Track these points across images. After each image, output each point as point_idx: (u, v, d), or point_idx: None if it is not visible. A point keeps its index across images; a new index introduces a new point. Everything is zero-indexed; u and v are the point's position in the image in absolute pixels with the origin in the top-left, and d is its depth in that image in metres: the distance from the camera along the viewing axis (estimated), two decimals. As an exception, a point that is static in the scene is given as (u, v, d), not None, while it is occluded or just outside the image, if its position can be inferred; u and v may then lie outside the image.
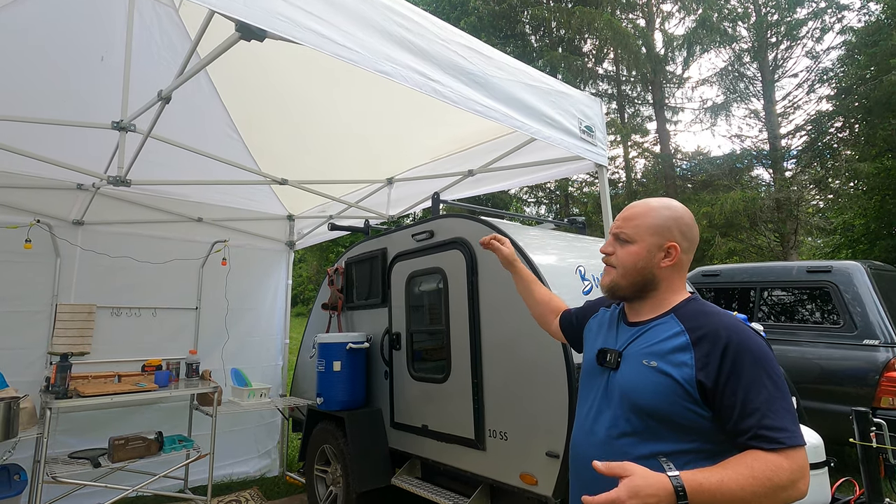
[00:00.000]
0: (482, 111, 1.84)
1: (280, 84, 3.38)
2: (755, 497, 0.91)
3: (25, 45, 2.93)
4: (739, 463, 0.95)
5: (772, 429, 0.96)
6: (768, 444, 0.95)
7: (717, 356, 1.04)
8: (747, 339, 1.04)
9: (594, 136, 2.41)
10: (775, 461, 0.93)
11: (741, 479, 0.91)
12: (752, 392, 0.99)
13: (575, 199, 20.50)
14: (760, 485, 0.90)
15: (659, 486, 0.88)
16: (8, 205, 3.64)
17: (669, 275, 1.21)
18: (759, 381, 1.00)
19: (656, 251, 1.20)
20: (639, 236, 1.21)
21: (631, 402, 1.13)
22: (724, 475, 0.92)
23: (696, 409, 1.05)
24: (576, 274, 2.85)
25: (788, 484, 0.92)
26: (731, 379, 1.01)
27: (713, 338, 1.06)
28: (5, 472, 2.97)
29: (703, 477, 0.92)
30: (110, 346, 4.02)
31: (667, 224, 1.20)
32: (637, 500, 0.87)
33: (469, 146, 3.52)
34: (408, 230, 3.46)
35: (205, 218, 4.55)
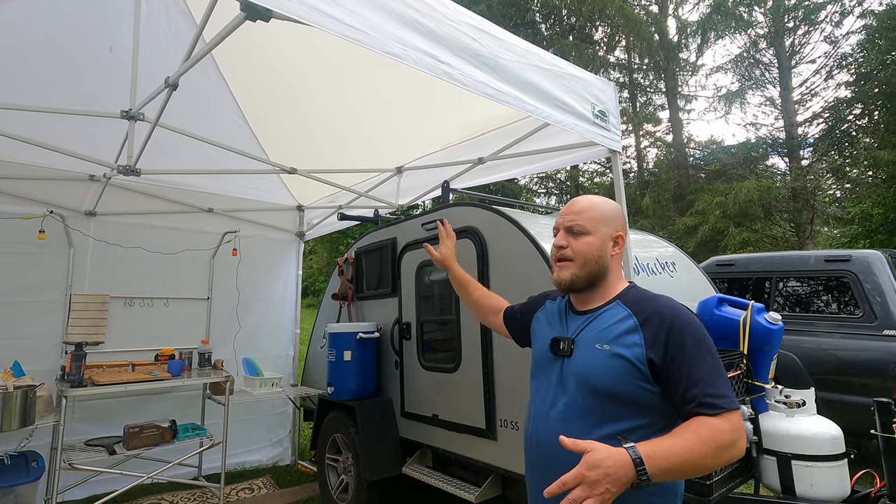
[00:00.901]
0: (493, 94, 1.80)
1: (288, 72, 3.35)
2: (702, 458, 1.00)
3: (35, 37, 2.93)
4: (686, 430, 1.04)
5: (713, 396, 1.06)
6: (711, 409, 1.05)
7: (664, 335, 1.14)
8: (687, 319, 1.17)
9: (608, 120, 2.35)
10: (718, 424, 1.03)
11: (689, 443, 1.01)
12: (695, 365, 1.09)
13: (586, 190, 20.32)
14: (706, 446, 1.00)
15: (618, 458, 0.95)
16: (22, 196, 3.67)
17: (615, 264, 1.32)
18: (700, 355, 1.11)
19: (608, 241, 1.30)
20: (594, 228, 1.29)
21: (587, 385, 1.20)
22: (673, 442, 1.01)
23: (647, 387, 1.14)
24: (588, 262, 2.80)
25: (730, 443, 1.03)
26: (676, 355, 1.11)
27: (658, 319, 1.17)
28: (23, 459, 3.02)
29: (656, 445, 1.00)
30: (124, 335, 4.06)
31: (614, 216, 1.33)
32: (598, 471, 0.93)
33: (479, 133, 3.47)
34: (417, 219, 3.44)
35: (215, 208, 4.56)
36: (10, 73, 2.98)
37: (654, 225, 14.10)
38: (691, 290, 3.41)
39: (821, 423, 2.30)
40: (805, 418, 2.32)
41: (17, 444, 3.05)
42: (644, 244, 3.55)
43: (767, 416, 2.42)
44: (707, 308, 2.72)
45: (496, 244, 2.82)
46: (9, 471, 2.87)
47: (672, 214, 15.35)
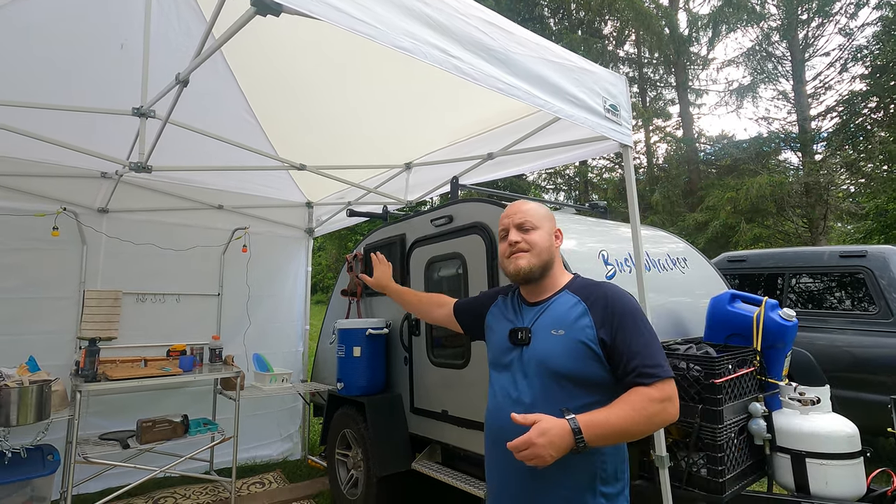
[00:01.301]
0: (504, 89, 1.78)
1: (297, 68, 3.35)
2: (634, 425, 1.15)
3: (48, 35, 2.96)
4: (621, 401, 1.19)
5: (649, 366, 1.20)
6: (647, 378, 1.18)
7: (609, 315, 1.28)
8: (626, 299, 1.33)
9: (619, 115, 2.32)
10: (650, 393, 1.17)
11: (622, 412, 1.15)
12: (635, 340, 1.24)
13: (594, 186, 20.19)
14: (637, 414, 1.15)
15: (561, 427, 1.11)
16: (35, 193, 3.72)
17: (558, 256, 1.49)
18: (638, 330, 1.25)
19: (552, 235, 1.48)
20: (541, 223, 1.46)
21: (547, 369, 1.31)
22: (609, 412, 1.16)
23: (598, 365, 1.28)
24: (598, 258, 2.79)
25: (659, 410, 1.17)
26: (619, 332, 1.26)
27: (602, 302, 1.32)
28: (39, 453, 3.06)
29: (593, 416, 1.15)
30: (136, 331, 4.11)
31: (551, 214, 1.52)
32: (545, 438, 1.08)
33: (488, 129, 3.45)
34: (426, 215, 3.43)
35: (225, 205, 4.58)
36: (23, 71, 3.01)
37: (664, 221, 13.99)
38: (703, 286, 3.37)
39: (836, 421, 2.27)
40: (820, 416, 2.29)
41: (33, 438, 3.10)
42: (654, 240, 3.52)
43: (781, 413, 2.39)
44: (719, 304, 2.68)
45: (506, 240, 2.81)
46: (25, 464, 2.92)
47: (682, 210, 15.21)
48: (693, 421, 2.23)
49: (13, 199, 3.64)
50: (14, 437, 2.97)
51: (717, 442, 2.15)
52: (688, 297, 3.18)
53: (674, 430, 2.37)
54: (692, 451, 2.23)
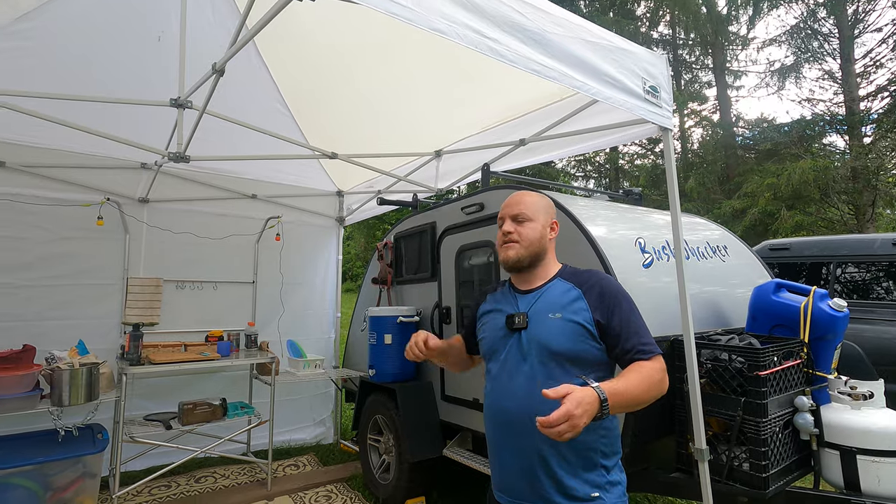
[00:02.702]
0: (540, 70, 1.72)
1: (328, 58, 3.36)
2: (645, 391, 1.27)
3: (89, 29, 3.05)
4: (632, 371, 1.30)
5: (646, 344, 1.35)
6: (646, 354, 1.33)
7: (604, 299, 1.39)
8: (616, 284, 1.45)
9: (659, 96, 2.23)
10: (652, 365, 1.32)
11: (636, 380, 1.27)
12: (630, 321, 1.37)
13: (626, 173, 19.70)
14: (648, 381, 1.28)
15: (592, 396, 1.15)
16: (81, 184, 3.86)
17: (551, 247, 1.56)
18: (631, 313, 1.39)
19: (547, 227, 1.54)
20: (536, 215, 1.52)
21: (547, 350, 1.39)
22: (626, 380, 1.27)
23: (594, 344, 1.38)
24: (635, 246, 2.71)
25: (661, 378, 1.31)
26: (614, 314, 1.37)
27: (596, 287, 1.43)
28: (89, 431, 3.22)
29: (613, 383, 1.23)
30: (176, 317, 4.25)
31: (549, 206, 1.58)
32: (581, 407, 1.12)
33: (520, 114, 3.38)
34: (457, 203, 3.41)
35: (259, 195, 4.67)
36: (67, 65, 3.12)
37: (699, 209, 13.55)
38: (745, 275, 3.25)
39: (891, 417, 2.15)
40: (873, 411, 2.18)
41: (83, 418, 3.26)
42: (693, 227, 3.40)
43: (830, 408, 2.28)
44: (763, 294, 2.58)
45: (539, 227, 2.76)
46: (77, 442, 3.07)
47: (718, 197, 14.70)
48: (735, 414, 2.15)
49: (61, 190, 3.79)
50: (66, 416, 3.13)
51: (761, 436, 2.08)
52: (728, 287, 3.07)
53: (714, 422, 2.30)
54: (734, 445, 2.16)
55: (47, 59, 3.05)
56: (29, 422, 3.24)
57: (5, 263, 3.57)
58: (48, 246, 3.74)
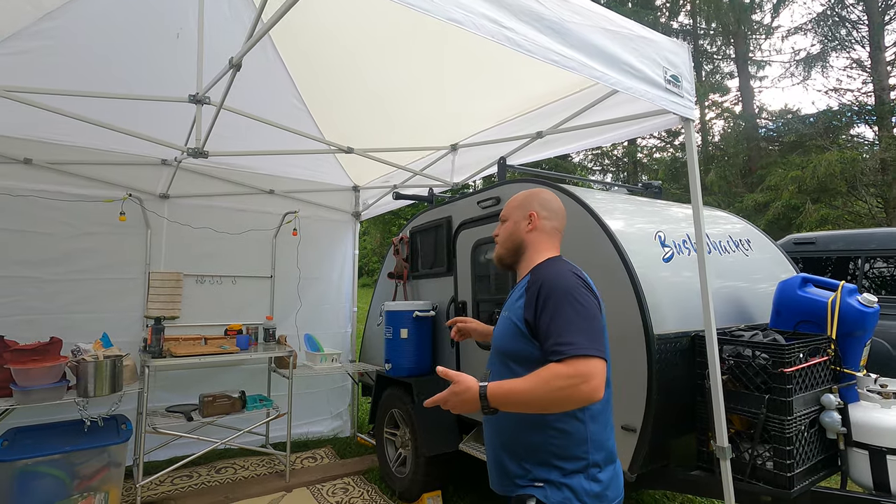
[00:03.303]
0: (558, 60, 1.69)
1: (343, 52, 3.35)
2: (536, 396, 1.18)
3: (109, 28, 3.09)
4: (533, 373, 1.21)
5: (561, 344, 1.20)
6: (557, 355, 1.20)
7: (536, 297, 1.31)
8: (557, 281, 1.32)
9: (681, 86, 2.17)
10: (556, 368, 1.18)
11: (527, 383, 1.19)
12: (555, 319, 1.25)
13: (644, 167, 19.40)
14: (540, 386, 1.17)
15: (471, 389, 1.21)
16: (103, 180, 3.94)
17: (534, 239, 1.50)
18: (561, 310, 1.26)
19: (522, 221, 1.51)
20: (509, 215, 1.55)
21: (495, 348, 1.45)
22: (515, 382, 1.21)
23: (529, 342, 1.32)
24: (655, 240, 2.66)
25: (566, 385, 1.16)
26: (542, 312, 1.28)
27: (536, 285, 1.34)
28: (114, 422, 3.30)
29: (501, 384, 1.21)
30: (196, 310, 4.32)
31: (527, 200, 1.54)
32: (457, 397, 1.21)
33: (537, 106, 3.34)
34: (473, 197, 3.38)
35: (276, 190, 4.71)
36: (89, 63, 3.17)
37: (720, 202, 13.28)
38: (769, 270, 3.17)
39: (923, 416, 2.08)
40: (905, 410, 2.11)
41: (108, 408, 3.34)
42: (713, 220, 3.32)
43: (858, 406, 2.22)
44: (789, 288, 2.50)
45: (556, 221, 2.72)
46: (102, 432, 3.15)
47: (740, 191, 14.39)
48: (758, 411, 2.10)
49: (84, 186, 3.87)
50: (91, 407, 3.21)
51: (786, 434, 2.02)
52: (751, 282, 3.00)
53: (736, 420, 2.25)
54: (757, 443, 2.11)
55: (70, 58, 3.11)
56: (56, 412, 3.34)
57: (33, 258, 3.67)
58: (73, 241, 3.83)
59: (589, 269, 2.50)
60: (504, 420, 1.35)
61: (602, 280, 2.44)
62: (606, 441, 1.35)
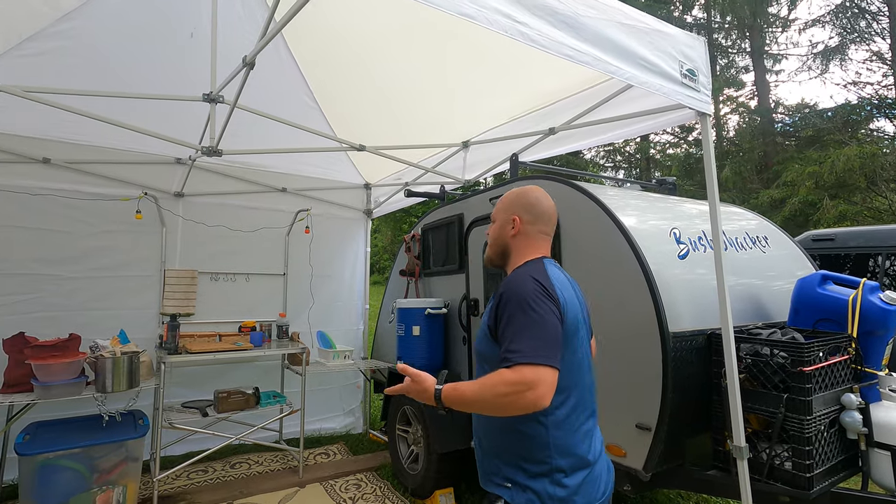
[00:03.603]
0: (572, 55, 1.67)
1: (354, 50, 3.36)
2: (481, 399, 1.22)
3: (124, 28, 3.13)
4: (482, 378, 1.25)
5: (510, 351, 1.22)
6: (506, 362, 1.22)
7: (499, 304, 1.34)
8: (515, 290, 1.32)
9: (697, 80, 2.14)
10: (503, 374, 1.20)
11: (474, 386, 1.24)
12: (509, 326, 1.27)
13: (657, 163, 19.19)
14: (487, 391, 1.21)
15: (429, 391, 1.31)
16: (119, 179, 3.99)
17: (517, 243, 1.50)
18: (515, 317, 1.27)
19: (507, 224, 1.52)
20: (497, 216, 1.56)
21: (474, 348, 1.52)
22: (465, 385, 1.27)
23: (495, 346, 1.34)
24: (670, 237, 2.62)
25: (510, 392, 1.17)
26: (500, 319, 1.31)
27: (500, 291, 1.37)
28: (131, 417, 3.35)
29: (455, 386, 1.28)
30: (210, 307, 4.37)
31: (512, 203, 1.53)
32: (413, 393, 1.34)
33: (550, 103, 3.31)
34: (485, 194, 3.37)
35: (288, 188, 4.74)
36: (104, 63, 3.21)
37: (735, 199, 13.08)
38: (787, 267, 3.11)
39: (948, 417, 2.03)
40: (928, 410, 2.06)
41: (125, 404, 3.39)
42: (729, 216, 3.27)
43: (880, 406, 2.17)
44: (808, 286, 2.46)
45: (569, 219, 2.71)
46: (120, 427, 3.20)
47: (755, 187, 14.16)
48: (776, 411, 2.07)
49: (101, 185, 3.93)
50: (109, 402, 3.26)
51: (805, 434, 1.99)
52: (768, 279, 2.95)
53: (753, 419, 2.22)
54: (775, 443, 2.08)
55: (86, 58, 3.15)
56: (75, 407, 3.40)
57: (52, 256, 3.73)
58: (91, 239, 3.89)
59: (602, 267, 2.50)
60: (480, 420, 1.43)
61: (616, 277, 2.42)
62: (575, 447, 1.33)
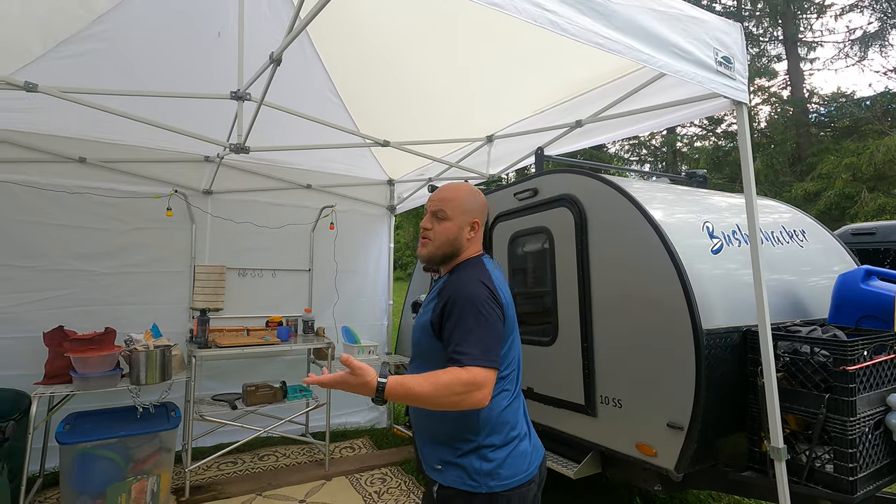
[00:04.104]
0: (603, 44, 1.63)
1: (378, 44, 3.35)
2: (432, 394, 1.24)
3: (153, 29, 3.19)
4: (433, 373, 1.28)
5: (459, 353, 1.29)
6: (456, 362, 1.28)
7: (443, 304, 1.38)
8: (465, 291, 1.37)
9: (733, 68, 2.06)
10: (456, 372, 1.26)
11: (424, 381, 1.25)
12: (457, 327, 1.32)
13: (684, 156, 18.74)
14: (439, 386, 1.24)
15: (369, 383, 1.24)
16: (150, 177, 4.10)
17: (470, 245, 1.53)
18: (463, 320, 1.33)
19: (465, 227, 1.50)
20: (454, 215, 1.50)
21: (413, 341, 1.53)
22: (413, 379, 1.27)
23: (434, 342, 1.41)
24: (702, 231, 2.55)
25: (461, 390, 1.24)
26: (447, 319, 1.35)
27: (448, 291, 1.40)
28: (164, 409, 3.44)
29: (402, 381, 1.26)
30: (238, 302, 4.45)
31: (474, 206, 1.53)
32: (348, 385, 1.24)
33: (576, 94, 3.25)
34: (509, 189, 3.33)
35: (313, 185, 4.78)
36: (135, 64, 3.29)
37: (766, 192, 12.68)
38: (825, 262, 2.99)
39: None
40: (983, 413, 1.95)
41: (158, 396, 3.49)
42: (763, 209, 3.15)
43: (929, 407, 2.06)
44: (850, 282, 2.35)
45: (597, 212, 2.65)
46: (154, 418, 3.29)
47: (788, 179, 13.70)
48: (817, 411, 1.99)
49: (134, 183, 4.04)
50: (143, 394, 3.35)
51: (848, 436, 1.91)
52: (806, 274, 2.83)
53: (791, 420, 2.14)
54: (815, 445, 2.00)
55: (118, 59, 3.23)
56: (110, 399, 3.51)
57: (89, 252, 3.86)
58: (125, 236, 4.00)
59: (633, 261, 2.44)
60: (419, 412, 1.46)
61: (646, 273, 2.36)
62: (503, 426, 1.41)
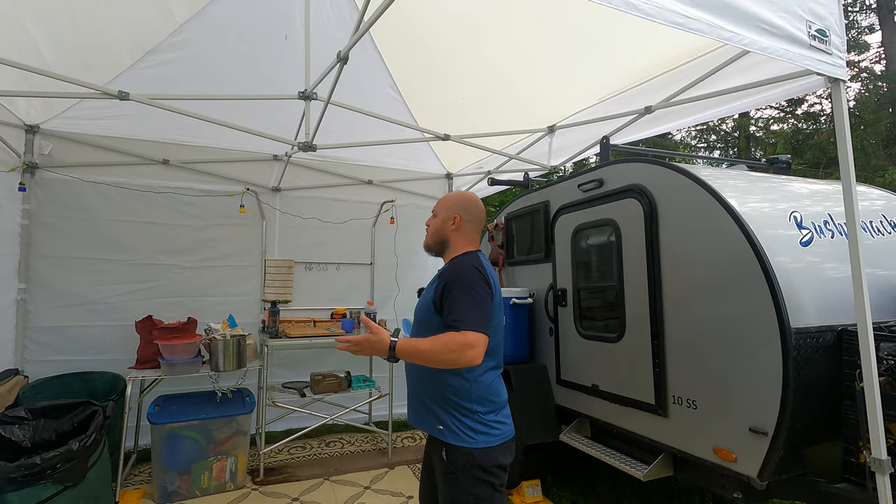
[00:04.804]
0: (682, 23, 1.52)
1: (437, 39, 3.35)
2: (436, 352, 1.56)
3: (226, 35, 3.36)
4: (435, 337, 1.59)
5: (458, 320, 1.59)
6: (453, 328, 1.58)
7: (444, 285, 1.69)
8: (462, 275, 1.70)
9: (828, 41, 1.86)
10: (454, 335, 1.57)
11: (429, 341, 1.58)
12: (456, 302, 1.63)
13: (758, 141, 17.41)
14: (439, 344, 1.56)
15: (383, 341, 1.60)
16: (224, 176, 4.35)
17: (455, 237, 1.87)
18: (461, 296, 1.64)
19: (448, 220, 1.88)
20: (438, 211, 1.93)
21: (416, 316, 1.86)
22: (419, 340, 1.60)
23: (434, 317, 1.71)
24: (790, 221, 2.35)
25: (456, 348, 1.54)
26: (446, 296, 1.67)
27: (447, 275, 1.73)
28: (240, 395, 3.66)
29: (409, 340, 1.61)
30: (305, 295, 4.65)
31: (455, 204, 1.91)
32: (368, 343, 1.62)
33: (645, 79, 3.09)
34: (572, 180, 3.24)
35: (374, 180, 4.89)
36: (210, 69, 3.48)
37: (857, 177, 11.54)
38: (936, 255, 2.67)
39: None
40: None
41: (234, 382, 3.71)
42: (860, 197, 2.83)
43: None
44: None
45: (668, 203, 2.52)
46: (231, 403, 3.51)
47: (882, 163, 12.38)
48: (929, 421, 1.78)
49: (210, 182, 4.31)
50: (220, 381, 3.58)
51: (969, 450, 1.70)
52: (912, 268, 2.55)
53: (895, 428, 1.93)
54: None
55: (195, 66, 3.44)
56: (191, 383, 3.77)
57: (173, 247, 4.17)
58: (203, 232, 4.28)
59: (710, 253, 2.29)
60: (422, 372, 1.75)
61: (726, 267, 2.21)
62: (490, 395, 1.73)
